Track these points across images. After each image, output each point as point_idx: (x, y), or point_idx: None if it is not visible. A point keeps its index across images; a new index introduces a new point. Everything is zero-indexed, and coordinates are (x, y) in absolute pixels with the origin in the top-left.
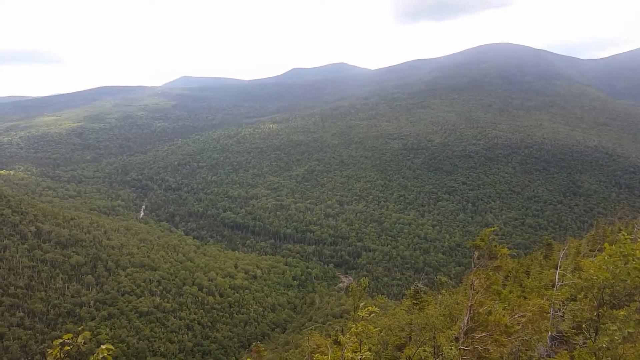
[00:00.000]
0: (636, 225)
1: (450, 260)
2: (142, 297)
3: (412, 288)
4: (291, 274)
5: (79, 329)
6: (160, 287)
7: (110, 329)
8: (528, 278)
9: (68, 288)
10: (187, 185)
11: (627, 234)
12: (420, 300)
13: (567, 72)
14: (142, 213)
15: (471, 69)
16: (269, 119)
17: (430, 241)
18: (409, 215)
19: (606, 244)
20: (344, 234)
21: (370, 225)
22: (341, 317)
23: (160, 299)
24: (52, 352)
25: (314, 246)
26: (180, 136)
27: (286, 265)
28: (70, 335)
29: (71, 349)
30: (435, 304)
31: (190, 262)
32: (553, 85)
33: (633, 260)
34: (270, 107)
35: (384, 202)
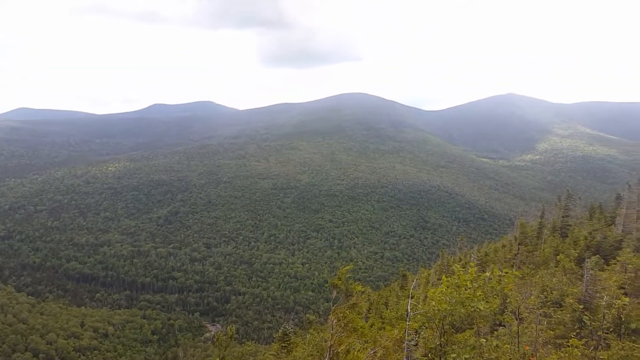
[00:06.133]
0: (472, 255)
1: (319, 297)
2: None
3: (280, 330)
4: (150, 327)
5: None
6: None
7: None
8: (387, 309)
9: None
10: (20, 232)
11: (460, 267)
12: (288, 342)
13: (413, 121)
14: None
15: (333, 115)
16: (125, 156)
17: (300, 279)
18: (279, 254)
19: (443, 276)
20: (211, 278)
21: (240, 267)
22: None
23: None
24: None
25: (177, 295)
26: (13, 175)
27: (144, 318)
28: None
29: None
30: (304, 344)
31: (23, 323)
32: (402, 132)
33: (465, 290)
34: (128, 144)
35: (255, 242)
